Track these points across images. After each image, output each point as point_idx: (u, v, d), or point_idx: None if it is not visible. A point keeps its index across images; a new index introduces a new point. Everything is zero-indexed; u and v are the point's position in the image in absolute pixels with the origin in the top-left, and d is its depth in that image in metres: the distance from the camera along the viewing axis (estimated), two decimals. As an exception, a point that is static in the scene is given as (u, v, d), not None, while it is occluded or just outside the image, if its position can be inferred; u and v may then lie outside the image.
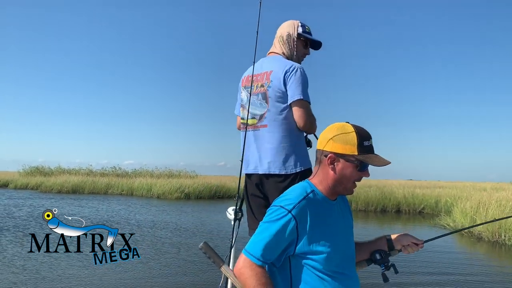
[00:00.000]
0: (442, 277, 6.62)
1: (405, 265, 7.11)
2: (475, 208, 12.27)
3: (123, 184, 29.08)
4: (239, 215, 2.52)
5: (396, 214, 18.11)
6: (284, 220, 1.49)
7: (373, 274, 1.98)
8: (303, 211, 1.51)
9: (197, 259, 7.40)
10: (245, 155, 2.70)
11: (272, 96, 2.58)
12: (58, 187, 28.59)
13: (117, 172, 36.69)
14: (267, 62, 2.72)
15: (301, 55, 2.84)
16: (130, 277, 6.05)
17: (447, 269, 7.24)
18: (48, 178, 32.35)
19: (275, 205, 1.57)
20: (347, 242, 1.67)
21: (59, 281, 5.70)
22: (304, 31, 2.80)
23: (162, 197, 25.34)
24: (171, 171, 35.51)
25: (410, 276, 6.45)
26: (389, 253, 1.81)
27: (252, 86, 2.68)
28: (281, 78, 2.54)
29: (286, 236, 1.50)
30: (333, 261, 1.55)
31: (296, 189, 1.62)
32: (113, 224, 11.91)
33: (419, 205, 18.89)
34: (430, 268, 7.19)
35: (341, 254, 1.60)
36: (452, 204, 15.99)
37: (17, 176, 36.63)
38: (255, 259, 1.50)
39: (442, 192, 20.63)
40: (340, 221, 1.66)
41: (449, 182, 45.79)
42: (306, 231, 1.51)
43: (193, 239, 9.82)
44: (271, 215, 1.54)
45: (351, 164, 1.56)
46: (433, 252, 8.46)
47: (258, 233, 1.54)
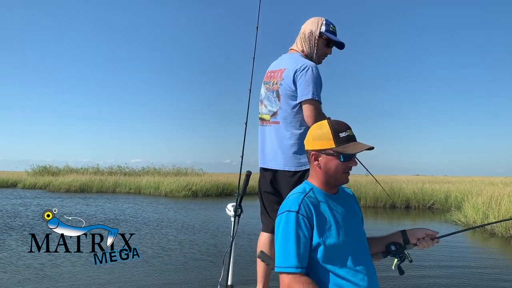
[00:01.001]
0: (458, 270, 6.48)
1: (419, 259, 6.97)
2: (487, 203, 12.05)
3: (131, 183, 29.11)
4: (239, 212, 2.54)
5: (405, 210, 17.89)
6: (297, 222, 1.56)
7: (387, 268, 1.90)
8: (307, 208, 1.60)
9: (199, 256, 7.38)
10: (259, 149, 2.74)
11: (283, 94, 2.60)
12: (66, 186, 28.70)
13: (124, 170, 36.78)
14: (284, 59, 2.74)
15: (321, 53, 2.79)
16: (137, 274, 5.99)
17: (463, 262, 7.10)
18: (56, 177, 32.49)
19: (282, 212, 1.63)
20: (355, 233, 1.70)
21: (67, 279, 5.64)
22: (327, 30, 2.74)
23: (170, 195, 25.32)
24: (178, 169, 35.58)
25: (424, 269, 6.31)
26: (405, 246, 1.86)
27: (269, 83, 2.72)
28: (291, 77, 2.55)
29: (305, 234, 1.57)
30: (341, 252, 1.60)
31: (296, 191, 1.72)
32: (120, 222, 11.89)
33: (429, 200, 18.61)
34: (445, 262, 7.07)
35: (349, 244, 1.64)
36: (462, 199, 15.77)
37: (25, 176, 36.91)
38: (294, 269, 1.53)
39: (452, 187, 20.34)
40: (346, 214, 1.71)
41: (456, 177, 45.50)
42: (314, 225, 1.59)
43: (198, 236, 9.81)
44: (283, 222, 1.60)
45: (332, 157, 1.66)
46: (447, 247, 8.30)
47: (282, 245, 1.57)
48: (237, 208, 2.55)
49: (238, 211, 2.55)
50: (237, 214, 2.54)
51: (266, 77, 2.83)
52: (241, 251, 7.40)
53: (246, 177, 2.63)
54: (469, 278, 5.99)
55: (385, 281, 5.49)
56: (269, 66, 2.88)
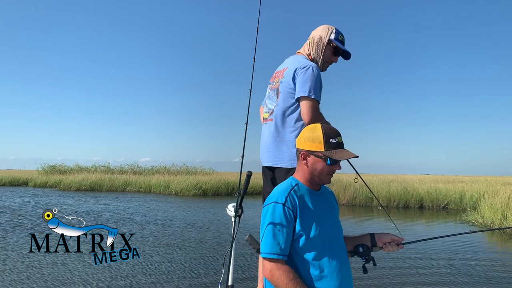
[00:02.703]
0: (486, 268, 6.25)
1: (435, 264, 6.74)
2: (505, 203, 11.73)
3: (141, 182, 29.18)
4: (239, 212, 2.56)
5: (419, 210, 17.57)
6: (282, 212, 1.71)
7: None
8: (293, 200, 1.74)
9: (205, 254, 7.43)
10: (260, 148, 2.85)
11: (282, 92, 2.66)
12: (76, 185, 28.86)
13: (134, 169, 36.84)
14: (289, 60, 2.81)
15: (327, 60, 2.84)
16: (137, 273, 5.95)
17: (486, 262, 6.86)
18: (66, 176, 32.71)
19: (269, 203, 1.77)
20: (332, 228, 1.85)
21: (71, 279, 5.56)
22: (336, 38, 2.79)
23: (180, 194, 25.33)
24: (187, 168, 35.55)
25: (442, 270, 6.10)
26: (371, 248, 1.99)
27: (272, 82, 2.79)
28: (291, 75, 2.61)
29: (289, 225, 1.71)
30: (318, 244, 1.74)
31: (282, 185, 1.86)
32: (128, 221, 11.81)
33: (443, 200, 18.23)
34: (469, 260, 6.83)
35: (326, 238, 1.77)
36: (478, 199, 15.43)
37: (36, 175, 37.27)
38: (276, 256, 1.68)
39: (466, 187, 19.92)
40: (326, 209, 1.87)
41: (468, 176, 44.77)
42: (297, 217, 1.73)
43: (203, 234, 9.86)
44: (270, 212, 1.73)
45: (320, 159, 1.79)
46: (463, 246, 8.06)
47: (267, 233, 1.71)
48: (238, 209, 2.55)
49: (239, 211, 2.55)
50: (237, 214, 2.55)
51: (271, 78, 2.89)
52: (242, 251, 7.34)
53: (246, 177, 2.63)
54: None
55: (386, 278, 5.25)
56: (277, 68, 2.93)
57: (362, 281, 5.59)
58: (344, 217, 14.40)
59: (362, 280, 5.60)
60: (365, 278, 5.61)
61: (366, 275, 3.31)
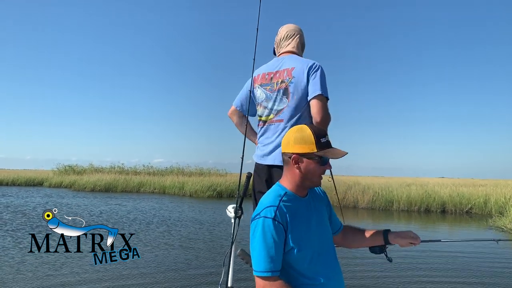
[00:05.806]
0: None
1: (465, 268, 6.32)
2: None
3: (155, 182, 29.10)
4: (239, 213, 2.55)
5: (441, 214, 17.03)
6: (273, 227, 1.61)
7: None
8: (282, 213, 1.65)
9: (208, 255, 7.49)
10: (257, 147, 2.86)
11: (293, 92, 2.64)
12: (91, 185, 28.89)
13: (148, 170, 36.79)
14: (288, 60, 2.76)
15: None
16: (138, 273, 6.02)
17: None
18: (81, 176, 32.82)
19: (258, 217, 1.66)
20: (322, 236, 1.79)
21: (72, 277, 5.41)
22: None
23: (195, 195, 25.19)
24: (201, 169, 35.38)
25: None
26: (386, 246, 2.00)
27: (271, 84, 2.75)
28: (304, 74, 2.61)
29: (281, 240, 1.63)
30: (309, 254, 1.69)
31: (270, 195, 1.74)
32: (150, 221, 11.59)
33: (466, 204, 17.64)
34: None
35: (316, 247, 1.73)
36: (505, 203, 14.85)
37: (51, 175, 37.49)
38: (269, 273, 1.60)
39: (489, 191, 19.24)
40: (314, 216, 1.80)
41: (486, 180, 43.67)
42: (287, 230, 1.65)
43: (211, 235, 9.88)
44: (259, 228, 1.63)
45: (313, 161, 1.70)
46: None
47: (258, 250, 1.62)
48: (238, 210, 2.54)
49: (239, 212, 2.54)
50: (237, 215, 2.54)
51: (262, 80, 2.82)
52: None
53: (246, 178, 2.62)
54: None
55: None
56: (256, 70, 2.89)
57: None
58: (363, 221, 14.08)
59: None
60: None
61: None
